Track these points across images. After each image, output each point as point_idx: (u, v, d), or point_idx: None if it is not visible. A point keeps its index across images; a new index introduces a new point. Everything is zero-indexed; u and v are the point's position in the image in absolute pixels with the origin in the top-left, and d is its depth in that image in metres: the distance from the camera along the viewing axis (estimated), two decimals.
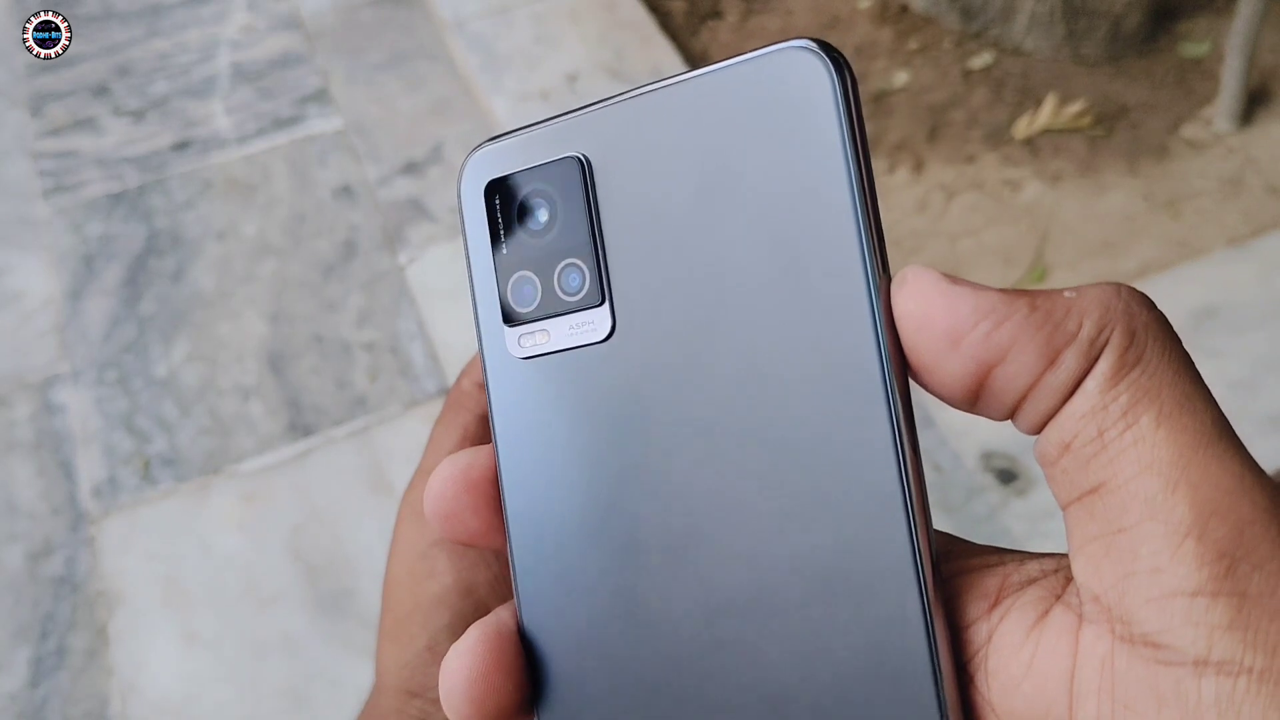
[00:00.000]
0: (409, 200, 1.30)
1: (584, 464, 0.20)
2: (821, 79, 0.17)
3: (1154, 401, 0.16)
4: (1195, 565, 0.15)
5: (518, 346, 0.20)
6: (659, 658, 0.19)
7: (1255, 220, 1.15)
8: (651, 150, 0.19)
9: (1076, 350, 0.16)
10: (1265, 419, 0.97)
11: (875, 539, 0.17)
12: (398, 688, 0.29)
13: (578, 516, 0.20)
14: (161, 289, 1.23)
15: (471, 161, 0.21)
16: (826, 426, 0.17)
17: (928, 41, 1.40)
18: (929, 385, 0.17)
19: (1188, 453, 0.15)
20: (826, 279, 0.17)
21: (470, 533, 0.21)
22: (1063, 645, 0.16)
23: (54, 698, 0.93)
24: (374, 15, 1.55)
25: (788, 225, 0.18)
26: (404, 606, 0.29)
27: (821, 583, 0.17)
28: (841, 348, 0.17)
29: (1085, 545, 0.16)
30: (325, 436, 1.08)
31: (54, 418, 1.12)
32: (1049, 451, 0.17)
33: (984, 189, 1.22)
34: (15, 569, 1.01)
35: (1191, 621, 0.15)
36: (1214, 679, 0.14)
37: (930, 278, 0.17)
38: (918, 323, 0.17)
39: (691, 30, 1.46)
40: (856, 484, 0.17)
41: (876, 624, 0.17)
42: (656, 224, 0.19)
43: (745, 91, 0.18)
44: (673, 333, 0.19)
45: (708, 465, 0.18)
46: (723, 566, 0.18)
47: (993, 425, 0.99)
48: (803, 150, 0.18)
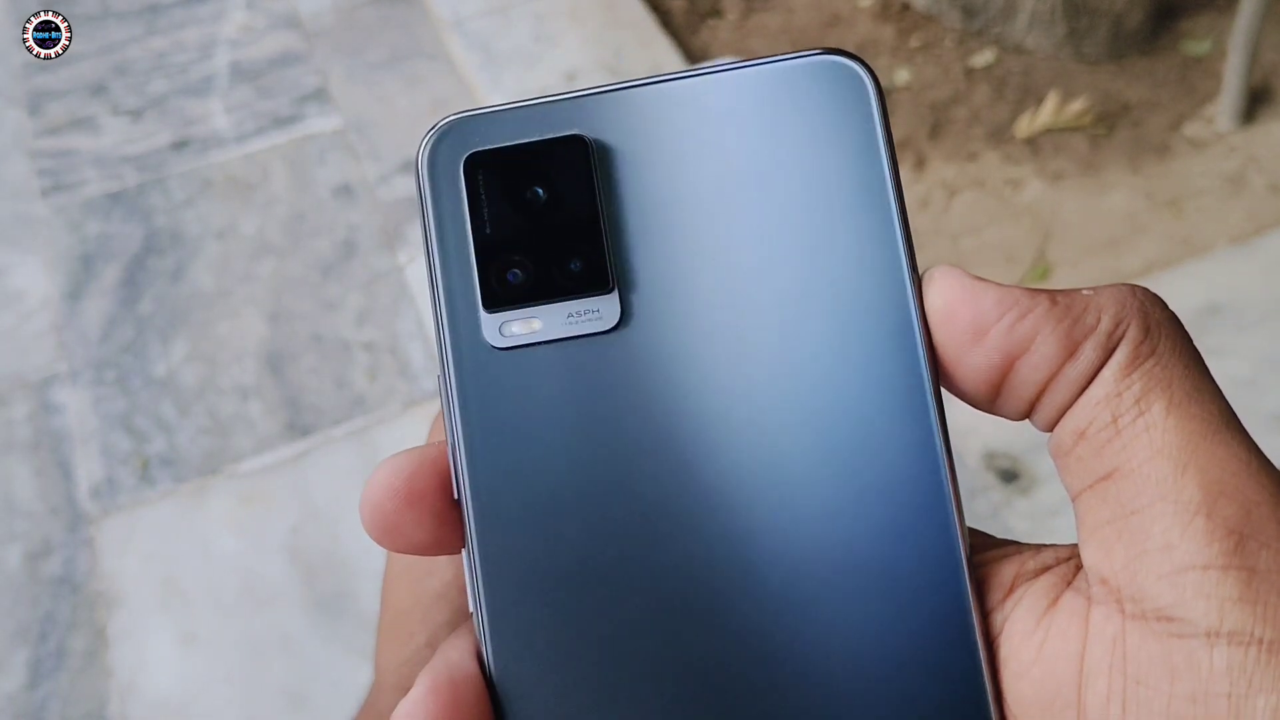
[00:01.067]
0: (408, 199, 1.29)
1: (586, 466, 0.18)
2: (864, 89, 0.18)
3: (1165, 391, 0.16)
4: (1205, 541, 0.15)
5: (497, 335, 0.18)
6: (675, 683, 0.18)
7: (1258, 218, 1.15)
8: (669, 138, 0.19)
9: (1095, 342, 0.17)
10: (1269, 416, 0.97)
11: (922, 530, 0.17)
12: (397, 685, 0.29)
13: (575, 529, 0.18)
14: (160, 289, 1.22)
15: (443, 132, 0.19)
16: (872, 420, 0.18)
17: (929, 39, 1.40)
18: (953, 381, 0.18)
19: (1196, 438, 0.16)
20: (867, 275, 0.18)
21: (415, 546, 0.18)
22: (1073, 628, 0.16)
23: (53, 698, 0.93)
24: (373, 14, 1.54)
25: (825, 223, 0.18)
26: (403, 603, 0.29)
27: (867, 575, 0.17)
28: (884, 342, 0.18)
29: (1097, 530, 0.17)
30: (324, 436, 1.08)
31: (52, 418, 1.12)
32: (1064, 442, 0.17)
33: (986, 187, 1.22)
34: (14, 569, 1.01)
35: (1203, 594, 0.15)
36: (1226, 649, 0.15)
37: (957, 275, 0.18)
38: (944, 316, 0.18)
39: (691, 29, 1.46)
40: (903, 478, 0.17)
41: (924, 615, 0.17)
42: (674, 212, 0.19)
43: (784, 91, 0.19)
44: (691, 325, 0.18)
45: (734, 463, 0.18)
46: (763, 570, 0.18)
47: (995, 425, 0.99)
48: (843, 153, 0.18)
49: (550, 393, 0.18)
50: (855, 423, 0.18)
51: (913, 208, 1.21)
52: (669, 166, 0.19)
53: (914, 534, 0.17)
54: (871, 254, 0.18)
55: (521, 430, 0.18)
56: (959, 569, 0.17)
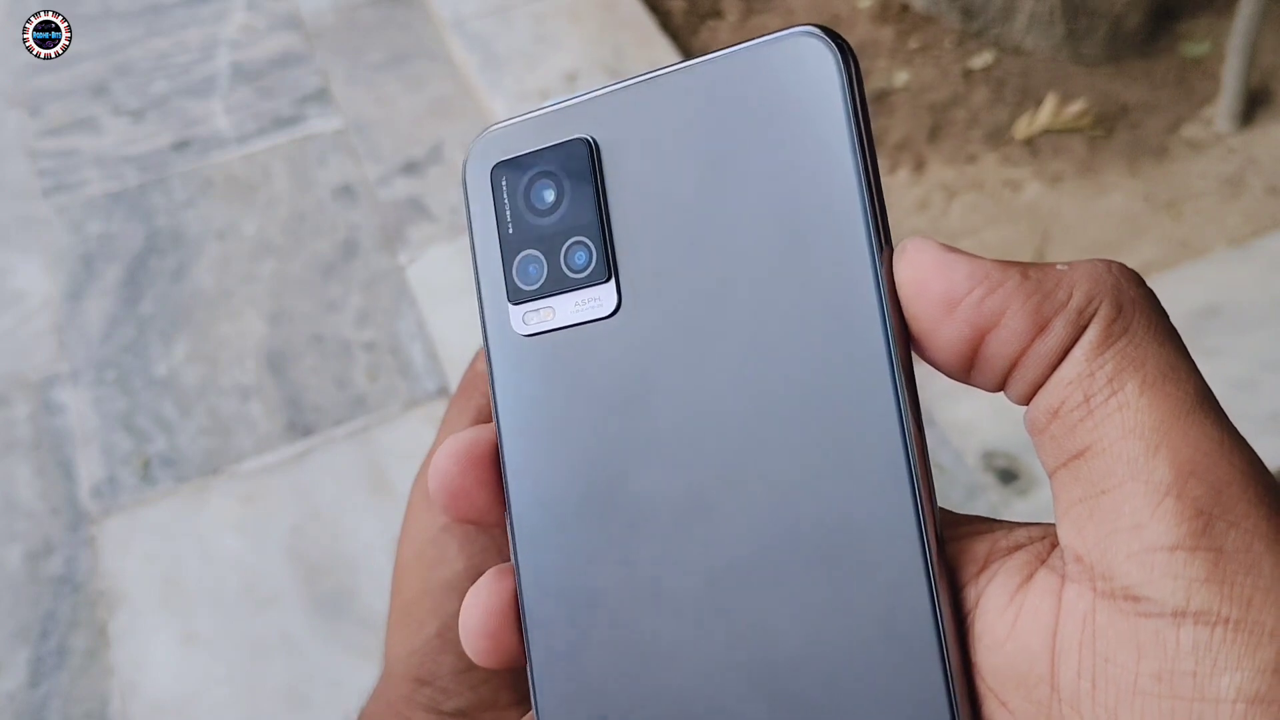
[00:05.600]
0: (409, 200, 1.30)
1: (589, 437, 0.20)
2: (826, 61, 0.18)
3: (1139, 370, 0.16)
4: (1174, 522, 0.15)
5: (522, 324, 0.21)
6: (663, 629, 0.19)
7: (1256, 220, 1.15)
8: (658, 132, 0.20)
9: (1065, 319, 0.17)
10: (1266, 418, 0.97)
11: (882, 505, 0.18)
12: (406, 674, 0.28)
13: (582, 489, 0.20)
14: (161, 289, 1.23)
15: (478, 145, 0.22)
16: (833, 395, 0.18)
17: (928, 41, 1.40)
18: (927, 353, 0.18)
19: (1169, 418, 0.16)
20: (831, 250, 0.18)
21: (478, 510, 0.21)
22: (1045, 605, 0.17)
23: (54, 697, 0.93)
24: (374, 15, 1.55)
25: (793, 201, 0.19)
26: (413, 591, 0.29)
27: (828, 549, 0.18)
28: (846, 316, 0.18)
29: (1071, 508, 0.17)
30: (325, 436, 1.08)
31: (53, 417, 1.12)
32: (1038, 419, 0.17)
33: (984, 189, 1.22)
34: (15, 569, 1.01)
35: (1170, 574, 0.15)
36: (1192, 628, 0.15)
37: (929, 246, 0.18)
38: (916, 289, 0.17)
39: (691, 29, 1.46)
40: (863, 452, 0.18)
41: (884, 590, 0.18)
42: (662, 203, 0.20)
43: (752, 75, 0.19)
44: (678, 307, 0.19)
45: (714, 437, 0.19)
46: (729, 536, 0.19)
47: (994, 423, 0.99)
48: (809, 129, 0.19)
49: (565, 374, 0.20)
50: (810, 397, 0.18)
51: (912, 209, 1.21)
52: (663, 159, 0.20)
53: (872, 503, 0.18)
54: (836, 227, 0.18)
55: (543, 405, 0.20)
56: (917, 542, 0.17)
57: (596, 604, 0.20)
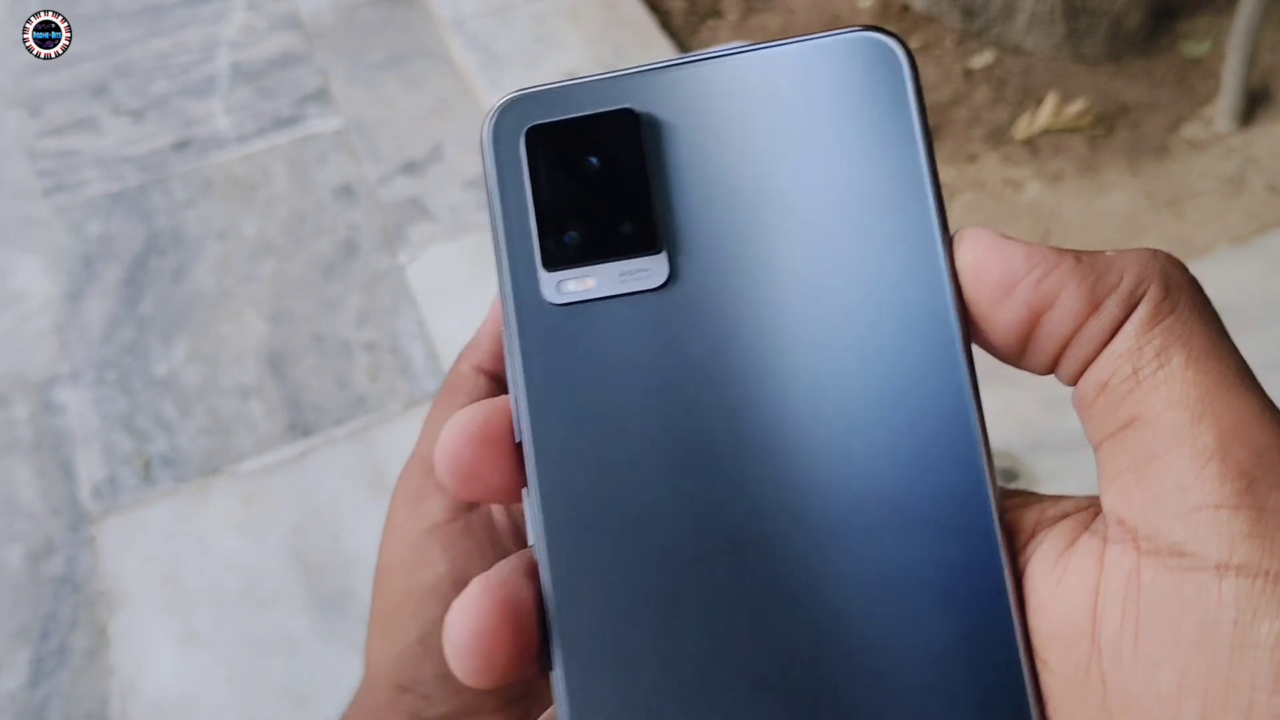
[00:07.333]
0: (409, 200, 1.30)
1: (634, 410, 0.19)
2: (897, 61, 0.20)
3: (1184, 345, 0.17)
4: (1218, 483, 0.16)
5: (555, 292, 0.20)
6: (727, 629, 0.18)
7: (1257, 219, 1.15)
8: (711, 111, 0.20)
9: (1117, 299, 0.18)
10: None
11: (956, 480, 0.18)
12: (388, 681, 0.28)
13: (626, 464, 0.19)
14: (161, 289, 1.23)
15: (506, 108, 0.21)
16: (908, 376, 0.19)
17: (929, 40, 1.40)
18: (983, 336, 0.19)
19: (1213, 390, 0.17)
20: (901, 236, 0.19)
21: (491, 490, 0.20)
22: (1088, 565, 0.17)
23: (54, 697, 0.93)
24: (373, 15, 1.55)
25: (861, 189, 0.19)
26: (395, 596, 0.29)
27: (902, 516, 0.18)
28: (917, 298, 0.19)
29: (1117, 477, 0.18)
30: (325, 436, 1.08)
31: (54, 418, 1.12)
32: (1087, 393, 0.18)
33: (985, 188, 1.22)
34: (15, 569, 1.01)
35: (1215, 531, 0.16)
36: (1235, 580, 0.16)
37: (987, 233, 0.19)
38: (975, 273, 0.19)
39: (691, 29, 1.46)
40: (937, 428, 0.18)
41: (959, 561, 0.18)
42: (717, 180, 0.20)
43: (818, 67, 0.20)
44: (734, 282, 0.19)
45: (777, 412, 0.19)
46: (800, 520, 0.19)
47: (995, 425, 0.99)
48: (878, 122, 0.20)
49: (603, 344, 0.20)
50: (889, 374, 0.19)
51: None
52: (714, 138, 0.20)
53: (948, 477, 0.18)
54: (905, 216, 0.19)
55: (576, 376, 0.20)
56: (989, 513, 0.18)
57: (648, 604, 0.19)
